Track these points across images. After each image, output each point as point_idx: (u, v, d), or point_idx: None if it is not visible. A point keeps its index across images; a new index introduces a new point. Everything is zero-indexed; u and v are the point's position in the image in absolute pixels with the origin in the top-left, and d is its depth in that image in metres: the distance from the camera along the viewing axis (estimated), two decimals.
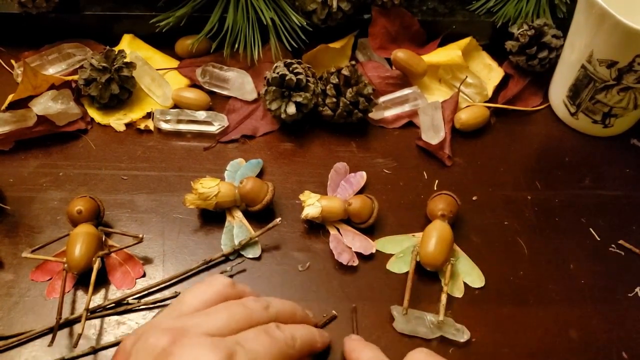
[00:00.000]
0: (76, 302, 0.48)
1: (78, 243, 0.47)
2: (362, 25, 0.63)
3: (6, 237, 0.51)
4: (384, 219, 0.53)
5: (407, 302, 0.46)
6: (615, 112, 0.57)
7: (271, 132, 0.59)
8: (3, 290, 0.48)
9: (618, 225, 0.53)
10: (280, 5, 0.60)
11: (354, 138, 0.59)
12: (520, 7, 0.62)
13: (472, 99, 0.62)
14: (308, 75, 0.56)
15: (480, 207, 0.54)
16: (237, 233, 0.51)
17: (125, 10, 0.63)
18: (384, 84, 0.62)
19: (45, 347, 0.45)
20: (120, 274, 0.49)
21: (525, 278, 0.50)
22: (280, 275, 0.50)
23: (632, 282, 0.50)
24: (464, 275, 0.50)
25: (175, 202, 0.53)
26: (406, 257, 0.50)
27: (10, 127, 0.56)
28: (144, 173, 0.56)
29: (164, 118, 0.58)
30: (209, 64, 0.61)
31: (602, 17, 0.51)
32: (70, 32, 0.63)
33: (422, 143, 0.58)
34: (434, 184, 0.56)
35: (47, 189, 0.54)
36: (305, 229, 0.52)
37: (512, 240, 0.52)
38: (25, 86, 0.56)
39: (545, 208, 0.54)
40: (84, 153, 0.57)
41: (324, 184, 0.55)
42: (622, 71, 0.53)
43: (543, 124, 0.61)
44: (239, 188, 0.51)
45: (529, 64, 0.61)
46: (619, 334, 0.47)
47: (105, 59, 0.57)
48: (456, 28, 0.64)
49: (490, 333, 0.47)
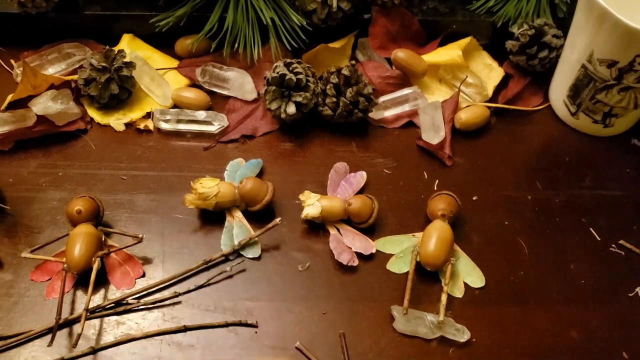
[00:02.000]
0: (76, 302, 0.48)
1: (78, 243, 0.47)
2: (362, 25, 0.63)
3: (6, 237, 0.51)
4: (384, 219, 0.53)
5: (407, 302, 0.46)
6: (615, 112, 0.57)
7: (271, 132, 0.59)
8: (3, 290, 0.48)
9: (618, 225, 0.53)
10: (280, 5, 0.60)
11: (354, 138, 0.59)
12: (521, 6, 0.62)
13: (472, 98, 0.61)
14: (308, 75, 0.56)
15: (480, 207, 0.54)
16: (237, 233, 0.51)
17: (125, 10, 0.63)
18: (384, 83, 0.62)
19: (44, 347, 0.45)
20: (120, 274, 0.49)
21: (525, 278, 0.50)
22: (280, 275, 0.50)
23: (632, 282, 0.50)
24: (464, 275, 0.50)
25: (175, 202, 0.53)
26: (406, 257, 0.50)
27: (10, 127, 0.56)
28: (143, 173, 0.55)
29: (164, 118, 0.58)
30: (208, 63, 0.61)
31: (603, 16, 0.51)
32: (70, 32, 0.63)
33: (422, 143, 0.58)
34: (434, 184, 0.56)
35: (47, 189, 0.54)
36: (305, 229, 0.52)
37: (512, 240, 0.52)
38: (25, 86, 0.56)
39: (545, 208, 0.54)
40: (83, 153, 0.57)
41: (324, 184, 0.55)
42: (622, 71, 0.52)
43: (543, 123, 0.61)
44: (238, 188, 0.51)
45: (529, 64, 0.61)
46: (619, 334, 0.47)
47: (105, 59, 0.57)
48: (456, 28, 0.64)
49: (490, 333, 0.47)
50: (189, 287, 0.49)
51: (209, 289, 0.49)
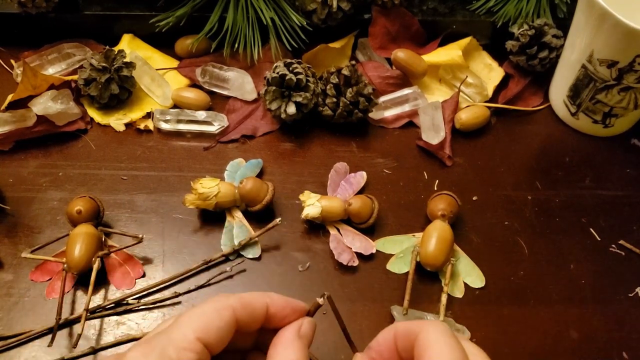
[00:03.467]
0: (76, 303, 0.48)
1: (78, 243, 0.47)
2: (362, 25, 0.63)
3: (6, 237, 0.51)
4: (384, 219, 0.53)
5: (407, 303, 0.46)
6: (615, 112, 0.57)
7: (271, 132, 0.59)
8: (3, 291, 0.48)
9: (618, 225, 0.53)
10: (280, 5, 0.60)
11: (354, 138, 0.59)
12: (521, 7, 0.62)
13: (472, 98, 0.61)
14: (308, 75, 0.56)
15: (480, 207, 0.54)
16: (237, 233, 0.51)
17: (125, 10, 0.63)
18: (384, 83, 0.62)
19: (44, 348, 0.45)
20: (120, 274, 0.49)
21: (525, 278, 0.50)
22: (280, 275, 0.50)
23: (632, 282, 0.50)
24: (464, 276, 0.50)
25: (175, 202, 0.53)
26: (406, 257, 0.50)
27: (10, 127, 0.56)
28: (143, 173, 0.55)
29: (164, 118, 0.58)
30: (208, 63, 0.61)
31: (603, 17, 0.51)
32: (70, 32, 0.63)
33: (422, 143, 0.58)
34: (434, 184, 0.56)
35: (47, 189, 0.54)
36: (305, 229, 0.52)
37: (512, 240, 0.52)
38: (25, 86, 0.56)
39: (545, 208, 0.54)
40: (83, 153, 0.57)
41: (324, 184, 0.55)
42: (622, 71, 0.52)
43: (543, 124, 0.61)
44: (238, 188, 0.51)
45: (529, 64, 0.61)
46: (619, 334, 0.47)
47: (105, 59, 0.57)
48: (456, 28, 0.64)
49: (490, 333, 0.47)
50: (189, 287, 0.49)
51: (209, 289, 0.49)
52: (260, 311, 0.34)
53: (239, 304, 0.33)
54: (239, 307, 0.33)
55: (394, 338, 0.34)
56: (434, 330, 0.32)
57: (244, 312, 0.33)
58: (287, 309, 0.34)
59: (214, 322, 0.31)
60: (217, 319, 0.31)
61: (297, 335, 0.34)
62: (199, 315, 0.31)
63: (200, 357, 0.31)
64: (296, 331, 0.34)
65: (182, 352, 0.30)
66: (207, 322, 0.31)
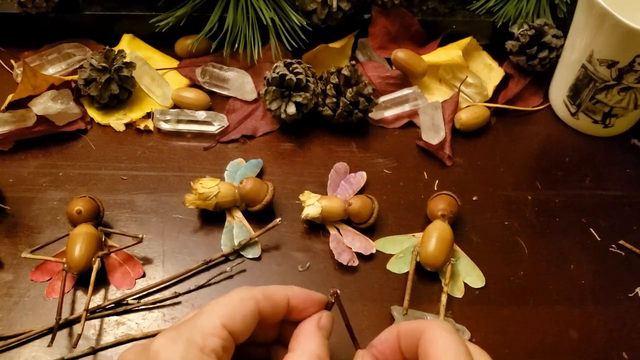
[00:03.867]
0: (76, 303, 0.48)
1: (78, 243, 0.47)
2: (362, 25, 0.63)
3: (6, 237, 0.51)
4: (384, 219, 0.53)
5: (407, 303, 0.46)
6: (615, 112, 0.57)
7: (271, 132, 0.59)
8: (3, 291, 0.48)
9: (618, 225, 0.53)
10: (280, 5, 0.60)
11: (354, 138, 0.59)
12: (521, 7, 0.62)
13: (472, 99, 0.61)
14: (308, 75, 0.56)
15: (480, 207, 0.54)
16: (237, 233, 0.51)
17: (125, 10, 0.63)
18: (384, 84, 0.62)
19: (44, 348, 0.45)
20: (120, 274, 0.49)
21: (525, 278, 0.50)
22: (280, 275, 0.50)
23: (632, 282, 0.50)
24: (464, 276, 0.50)
25: (175, 202, 0.53)
26: (406, 257, 0.50)
27: (10, 127, 0.56)
28: (143, 173, 0.55)
29: (164, 118, 0.58)
30: (208, 63, 0.61)
31: (603, 17, 0.51)
32: (70, 32, 0.63)
33: (422, 143, 0.58)
34: (434, 184, 0.56)
35: (47, 189, 0.54)
36: (305, 229, 0.52)
37: (512, 240, 0.52)
38: (25, 86, 0.56)
39: (545, 208, 0.54)
40: (83, 153, 0.57)
41: (324, 184, 0.55)
42: (622, 71, 0.52)
43: (543, 124, 0.61)
44: (238, 188, 0.51)
45: (529, 64, 0.61)
46: (619, 334, 0.47)
47: (105, 59, 0.57)
48: (456, 28, 0.64)
49: (490, 333, 0.47)
50: (189, 287, 0.49)
51: (209, 289, 0.49)
52: (282, 303, 0.35)
53: (262, 295, 0.34)
54: (262, 298, 0.34)
55: (397, 337, 0.34)
56: (439, 327, 0.33)
57: (267, 304, 0.34)
58: (308, 302, 0.36)
59: (239, 311, 0.33)
60: (242, 308, 0.33)
61: (317, 327, 0.35)
62: (225, 304, 0.33)
63: (226, 344, 0.32)
64: (316, 323, 0.36)
65: (208, 338, 0.31)
66: (233, 311, 0.33)
